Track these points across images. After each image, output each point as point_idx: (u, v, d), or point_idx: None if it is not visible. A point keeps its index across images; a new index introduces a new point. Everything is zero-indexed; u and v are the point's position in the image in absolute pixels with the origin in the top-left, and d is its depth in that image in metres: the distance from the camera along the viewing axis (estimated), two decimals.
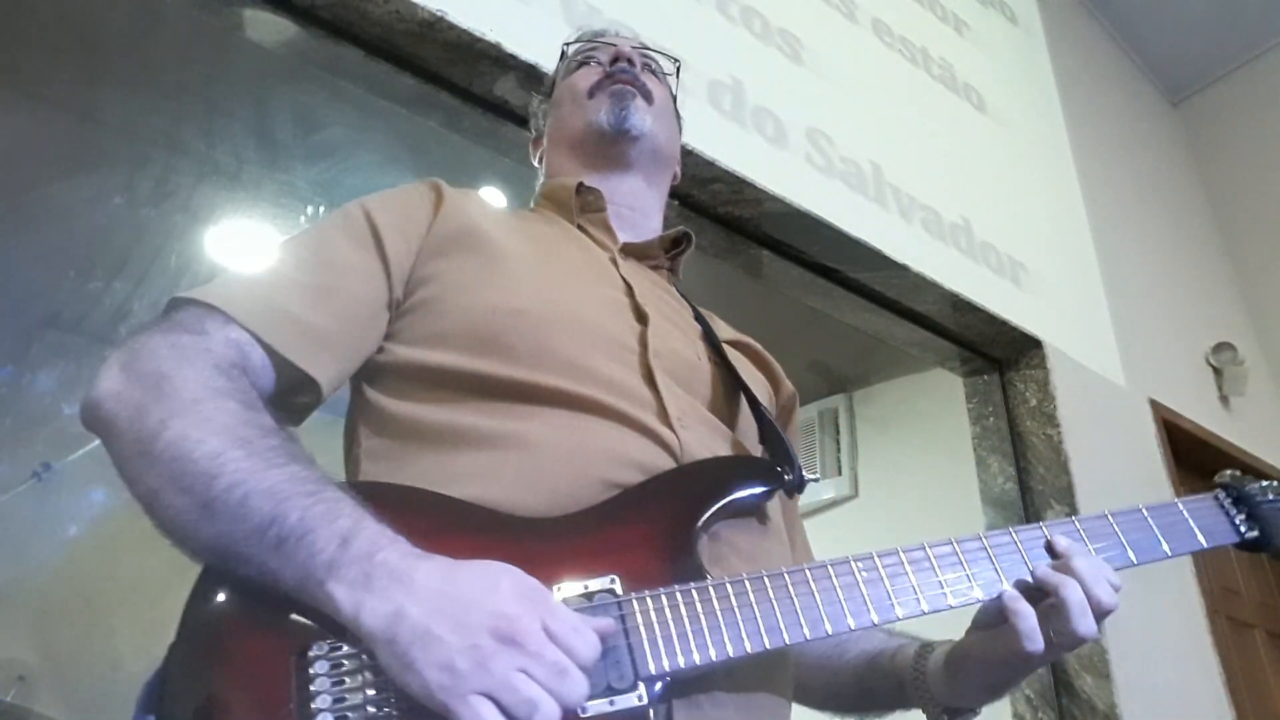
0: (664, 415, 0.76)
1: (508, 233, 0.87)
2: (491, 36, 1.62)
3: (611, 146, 0.99)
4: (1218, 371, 3.23)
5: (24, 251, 3.28)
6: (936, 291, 2.28)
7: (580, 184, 0.97)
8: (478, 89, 1.71)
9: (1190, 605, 2.46)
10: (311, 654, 0.57)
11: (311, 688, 0.56)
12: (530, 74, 1.67)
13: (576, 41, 1.12)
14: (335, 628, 0.57)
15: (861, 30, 2.60)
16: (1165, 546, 0.77)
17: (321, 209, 3.04)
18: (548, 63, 1.67)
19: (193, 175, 2.94)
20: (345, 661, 0.57)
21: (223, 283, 0.73)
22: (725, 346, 0.92)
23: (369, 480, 0.72)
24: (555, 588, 0.61)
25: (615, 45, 1.05)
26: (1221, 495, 0.83)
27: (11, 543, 3.20)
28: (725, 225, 2.04)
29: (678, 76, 1.13)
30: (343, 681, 0.57)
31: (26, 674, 3.08)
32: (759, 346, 1.01)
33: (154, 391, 0.62)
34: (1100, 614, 0.69)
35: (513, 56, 1.64)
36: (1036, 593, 0.70)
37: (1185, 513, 0.80)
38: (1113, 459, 2.48)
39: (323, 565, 0.56)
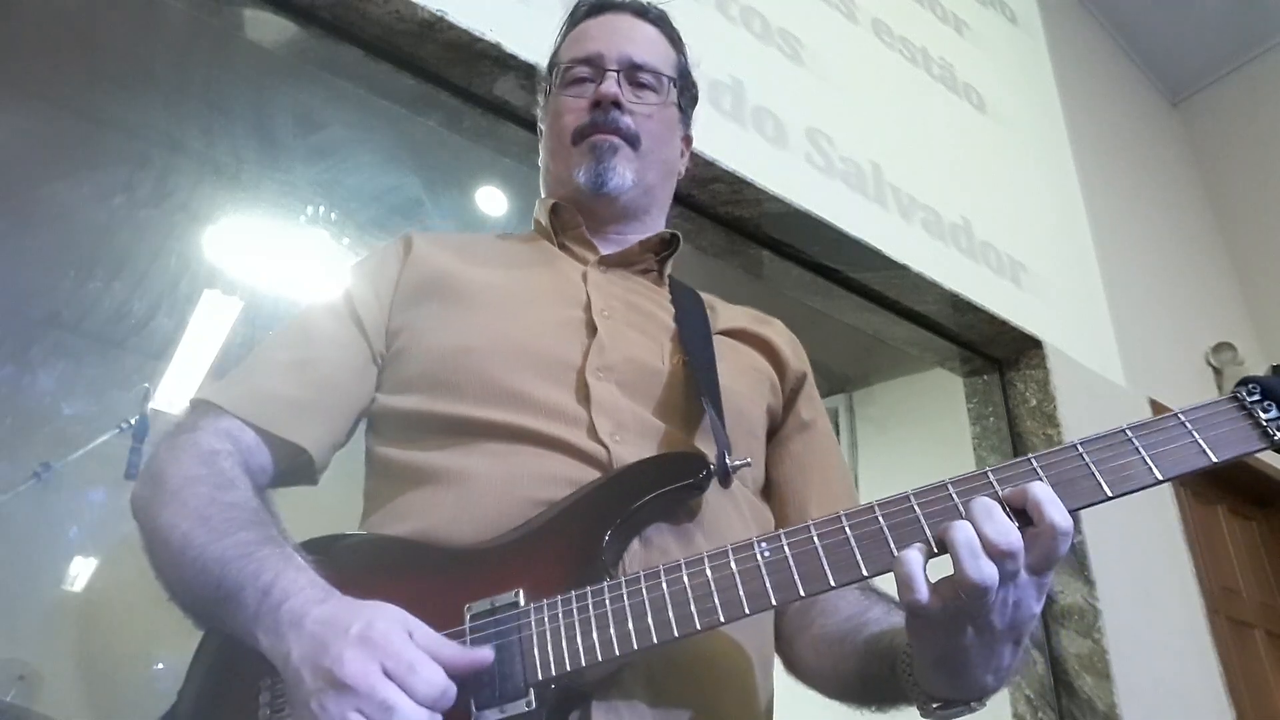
0: (593, 431, 0.78)
1: (477, 269, 0.92)
2: (491, 36, 1.62)
3: (590, 203, 0.98)
4: (1218, 371, 3.23)
5: (24, 251, 3.28)
6: (936, 291, 2.27)
7: (555, 204, 1.00)
8: (478, 89, 1.71)
9: (1190, 605, 2.46)
10: (261, 687, 0.67)
11: (257, 717, 0.66)
12: (530, 74, 1.67)
13: (569, 27, 1.07)
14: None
15: (861, 30, 2.60)
16: (1155, 469, 0.62)
17: (321, 209, 3.04)
18: (547, 63, 1.68)
19: (193, 175, 2.94)
20: (283, 693, 0.65)
21: (224, 380, 0.84)
22: (718, 339, 0.92)
23: (319, 536, 0.79)
24: (466, 607, 0.66)
25: (605, 77, 0.98)
26: (1244, 392, 0.64)
27: (11, 543, 3.20)
28: (725, 225, 2.04)
29: (676, 86, 1.05)
30: (281, 710, 0.65)
31: (26, 674, 3.08)
32: (767, 332, 0.99)
33: (153, 488, 0.75)
34: (994, 553, 0.58)
35: (513, 56, 1.64)
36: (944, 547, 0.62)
37: (1187, 423, 0.63)
38: None
39: (250, 617, 0.65)
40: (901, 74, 2.65)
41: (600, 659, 0.62)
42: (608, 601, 0.64)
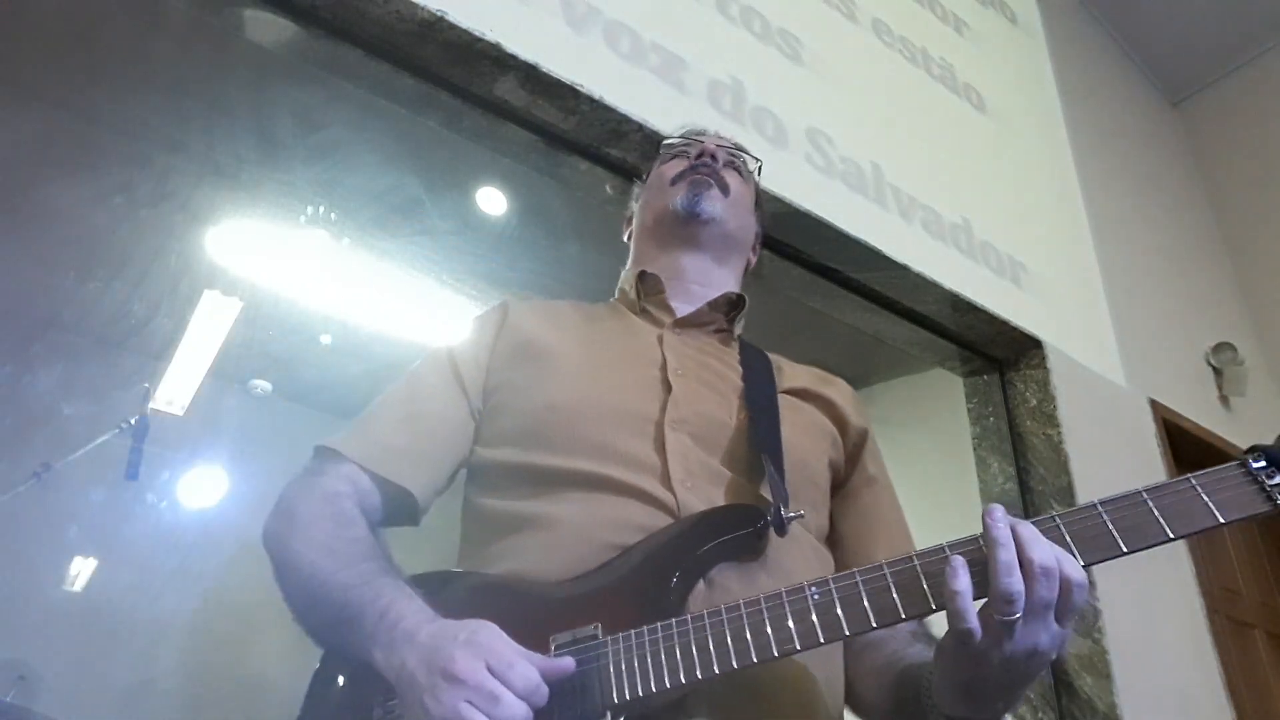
0: (666, 478, 0.87)
1: (564, 334, 1.05)
2: (491, 36, 1.62)
3: (683, 226, 1.12)
4: (1218, 371, 3.23)
5: (24, 251, 3.29)
6: (936, 291, 2.27)
7: (642, 272, 1.12)
8: (477, 89, 1.71)
9: (1190, 605, 2.46)
10: (374, 705, 0.77)
11: None
12: (530, 74, 1.67)
13: (676, 137, 1.26)
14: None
15: (861, 30, 2.60)
16: (1167, 529, 0.68)
17: (321, 209, 3.04)
18: (548, 63, 1.68)
19: (193, 175, 2.94)
20: (398, 711, 0.74)
21: (346, 430, 0.97)
22: (783, 397, 1.01)
23: (425, 572, 0.89)
24: (551, 638, 0.75)
25: (703, 142, 1.19)
26: (1250, 459, 0.70)
27: (11, 543, 3.20)
28: None
29: (759, 174, 1.27)
30: None
31: (26, 674, 3.08)
32: (829, 391, 1.10)
33: (284, 522, 0.87)
34: (1032, 573, 0.65)
35: (513, 56, 1.64)
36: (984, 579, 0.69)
37: (1198, 487, 0.70)
38: (1113, 459, 2.48)
39: (368, 636, 0.75)
40: (901, 74, 2.65)
41: (669, 685, 0.70)
42: (676, 635, 0.73)
